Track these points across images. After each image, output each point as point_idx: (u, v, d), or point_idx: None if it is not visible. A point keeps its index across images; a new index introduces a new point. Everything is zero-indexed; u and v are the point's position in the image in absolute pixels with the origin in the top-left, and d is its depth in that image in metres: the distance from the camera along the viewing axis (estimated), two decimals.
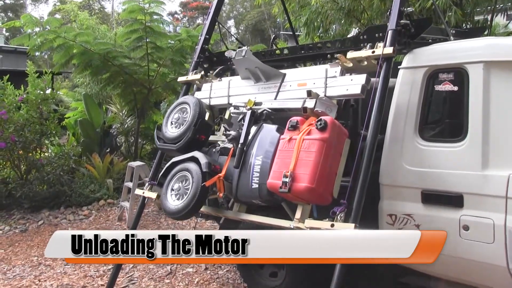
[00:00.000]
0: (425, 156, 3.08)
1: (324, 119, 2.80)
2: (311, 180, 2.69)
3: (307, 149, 2.77)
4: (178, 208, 3.26)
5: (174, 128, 3.71)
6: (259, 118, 3.28)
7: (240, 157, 3.12)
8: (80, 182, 8.38)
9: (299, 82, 3.36)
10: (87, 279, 5.12)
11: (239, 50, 3.50)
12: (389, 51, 2.95)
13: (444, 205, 2.99)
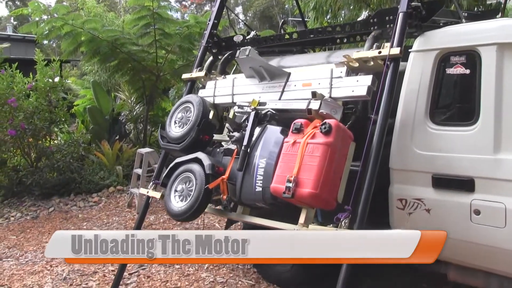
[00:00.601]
0: (436, 140, 3.04)
1: (329, 123, 2.74)
2: (315, 186, 2.63)
3: (311, 153, 2.71)
4: (181, 210, 3.23)
5: (178, 128, 3.67)
6: (263, 119, 3.22)
7: (243, 160, 3.06)
8: (90, 169, 8.44)
9: (304, 82, 3.29)
10: (98, 265, 5.16)
11: (242, 49, 3.42)
12: (396, 51, 2.87)
13: (455, 189, 2.96)
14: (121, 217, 6.92)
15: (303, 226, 2.78)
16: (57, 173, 8.22)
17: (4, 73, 7.81)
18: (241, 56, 3.40)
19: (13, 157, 8.50)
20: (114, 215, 7.07)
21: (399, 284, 4.04)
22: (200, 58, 4.42)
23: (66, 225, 6.84)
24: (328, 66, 3.25)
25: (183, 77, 4.50)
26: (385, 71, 2.89)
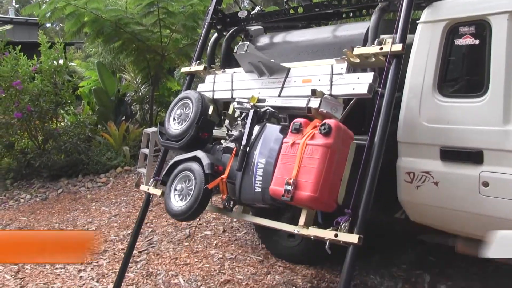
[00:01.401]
0: (444, 113, 3.01)
1: (329, 124, 2.65)
2: (314, 189, 2.56)
3: (310, 155, 2.63)
4: (181, 210, 3.19)
5: (177, 124, 3.59)
6: (262, 117, 3.15)
7: (242, 160, 3.00)
8: (97, 150, 8.48)
9: (303, 78, 3.20)
10: (108, 244, 5.22)
11: (241, 45, 3.31)
12: (397, 48, 2.76)
13: (463, 161, 2.93)
14: (129, 196, 6.97)
15: (303, 227, 2.73)
16: (65, 155, 8.27)
17: (8, 56, 7.79)
18: (239, 51, 3.30)
19: (21, 140, 8.55)
20: (122, 195, 7.12)
21: (406, 258, 4.05)
22: (203, 40, 4.32)
23: (75, 206, 6.90)
24: (329, 62, 3.14)
25: (181, 71, 4.43)
26: (387, 68, 2.78)
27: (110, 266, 4.61)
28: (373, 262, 4.00)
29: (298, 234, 2.82)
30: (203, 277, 4.15)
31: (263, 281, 3.97)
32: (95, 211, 6.55)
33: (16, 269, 4.77)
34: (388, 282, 3.72)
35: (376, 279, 3.79)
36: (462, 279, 3.65)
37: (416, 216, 3.29)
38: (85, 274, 4.48)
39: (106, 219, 6.12)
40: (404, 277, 3.77)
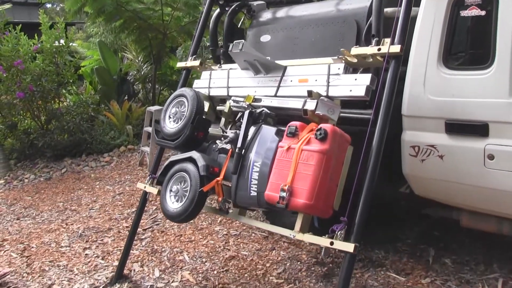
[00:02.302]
0: (449, 85, 2.96)
1: (324, 128, 2.57)
2: (309, 197, 2.51)
3: (305, 161, 2.57)
4: (176, 212, 3.16)
5: (172, 123, 3.52)
6: (257, 118, 3.08)
7: (237, 163, 2.94)
8: (100, 130, 8.48)
9: (300, 78, 3.12)
10: (112, 222, 5.25)
11: (235, 43, 3.22)
12: (396, 49, 2.66)
13: (469, 134, 2.90)
14: (133, 175, 6.98)
15: (299, 232, 2.68)
16: (68, 135, 8.28)
17: (8, 35, 7.73)
18: (234, 50, 3.20)
19: (24, 120, 8.56)
20: (126, 174, 7.13)
21: (410, 233, 4.06)
22: (204, 16, 4.22)
23: (79, 185, 6.93)
24: (326, 61, 3.03)
25: (177, 66, 4.35)
26: (384, 70, 2.68)
27: (115, 244, 4.64)
28: (378, 237, 4.00)
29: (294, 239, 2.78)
30: (208, 254, 4.17)
31: (268, 256, 3.99)
32: (99, 190, 6.58)
33: (22, 247, 4.81)
34: (392, 257, 3.73)
35: (381, 253, 3.80)
36: (466, 253, 3.65)
37: (420, 190, 3.27)
38: (90, 252, 4.51)
39: (110, 197, 6.14)
40: (409, 252, 3.77)
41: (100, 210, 5.72)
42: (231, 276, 3.74)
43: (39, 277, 4.10)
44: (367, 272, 3.56)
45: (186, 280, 3.76)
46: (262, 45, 4.05)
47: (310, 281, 3.52)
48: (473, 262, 3.55)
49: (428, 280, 3.37)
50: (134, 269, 4.02)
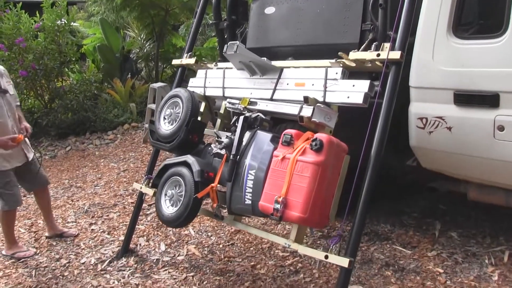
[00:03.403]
0: (459, 55, 2.90)
1: (320, 139, 2.47)
2: (304, 210, 2.43)
3: (300, 173, 2.48)
4: (171, 217, 3.11)
5: (167, 124, 3.44)
6: (252, 123, 3.00)
7: (232, 170, 2.87)
8: (104, 108, 8.46)
9: (296, 81, 3.01)
10: (117, 198, 5.26)
11: (230, 44, 3.10)
12: (395, 56, 2.56)
13: (478, 105, 2.84)
14: (137, 152, 6.98)
15: (294, 242, 2.62)
16: (72, 113, 8.26)
17: (9, 13, 7.65)
18: (229, 52, 3.09)
19: (27, 99, 8.53)
20: (130, 151, 7.13)
21: (417, 207, 4.04)
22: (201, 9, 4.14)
23: (84, 163, 6.94)
24: (323, 63, 2.93)
25: (173, 63, 4.25)
26: (383, 76, 2.58)
27: (120, 219, 4.65)
28: (384, 211, 3.99)
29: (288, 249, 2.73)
30: (213, 228, 4.17)
31: (274, 230, 3.99)
32: (103, 167, 6.58)
33: (30, 223, 4.84)
34: (398, 230, 3.72)
35: (387, 227, 3.79)
36: (473, 227, 3.64)
37: (428, 162, 3.24)
38: (96, 227, 4.53)
39: (115, 174, 6.15)
40: (415, 225, 3.76)
41: (105, 186, 5.73)
42: (237, 250, 3.75)
43: (47, 251, 4.13)
44: (373, 245, 3.56)
45: (192, 254, 3.77)
46: (266, 17, 3.98)
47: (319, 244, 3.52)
48: (480, 235, 3.54)
49: (434, 253, 3.37)
50: (140, 244, 4.03)
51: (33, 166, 4.14)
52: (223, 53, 3.23)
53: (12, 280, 3.72)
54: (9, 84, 4.00)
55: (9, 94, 3.93)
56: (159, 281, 3.43)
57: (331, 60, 2.85)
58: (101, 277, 3.60)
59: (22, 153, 3.96)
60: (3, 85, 3.88)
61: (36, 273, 3.77)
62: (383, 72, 2.59)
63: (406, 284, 3.05)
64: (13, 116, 3.92)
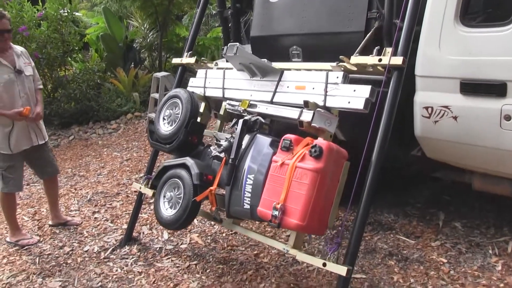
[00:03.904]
0: (466, 44, 2.86)
1: (320, 146, 2.42)
2: (302, 217, 2.40)
3: (299, 180, 2.45)
4: (170, 220, 3.10)
5: (167, 125, 3.43)
6: (252, 126, 2.98)
7: (230, 175, 2.85)
8: (107, 97, 8.44)
9: (297, 84, 2.97)
10: (120, 187, 5.26)
11: (230, 46, 3.05)
12: (398, 61, 2.51)
13: (485, 94, 2.82)
14: (141, 142, 6.97)
15: (293, 248, 2.61)
16: (75, 102, 8.25)
17: (12, 1, 7.62)
18: (229, 54, 3.05)
19: None
20: (133, 140, 7.12)
21: (421, 198, 4.03)
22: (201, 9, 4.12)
23: (87, 152, 6.94)
24: (324, 66, 2.89)
25: (173, 62, 4.23)
26: (385, 83, 2.54)
27: (123, 207, 4.66)
28: (387, 201, 3.98)
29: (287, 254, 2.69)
30: None
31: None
32: (106, 156, 6.58)
33: (33, 211, 4.85)
34: (402, 220, 3.71)
35: (390, 217, 3.78)
36: (477, 217, 3.62)
37: (433, 152, 3.22)
38: (99, 216, 4.53)
39: (118, 163, 6.15)
40: (419, 215, 3.75)
41: (108, 175, 5.73)
42: (240, 239, 3.74)
43: (50, 239, 4.14)
44: (377, 235, 3.55)
45: (195, 243, 3.77)
46: (271, 5, 3.94)
47: (319, 244, 3.52)
48: (484, 225, 3.52)
49: (438, 243, 3.36)
50: (143, 232, 4.03)
51: (45, 153, 4.15)
52: (223, 55, 3.20)
53: (16, 267, 3.73)
54: (27, 65, 4.00)
55: (24, 75, 3.93)
56: (162, 269, 3.44)
57: (332, 63, 2.81)
58: (104, 265, 3.61)
59: (28, 137, 3.97)
60: (19, 65, 3.89)
61: (39, 261, 3.78)
62: (384, 77, 2.55)
63: (409, 274, 3.04)
64: (26, 97, 3.92)
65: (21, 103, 3.87)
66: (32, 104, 3.99)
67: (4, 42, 3.81)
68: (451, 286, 2.88)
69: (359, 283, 3.01)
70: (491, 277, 2.91)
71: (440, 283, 2.92)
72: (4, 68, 3.81)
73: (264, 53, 3.95)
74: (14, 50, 3.96)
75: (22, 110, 3.76)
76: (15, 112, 3.74)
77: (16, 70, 3.86)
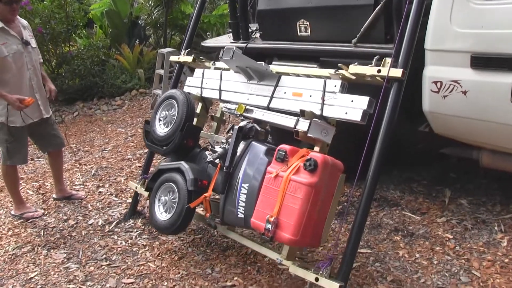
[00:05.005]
0: (478, 16, 2.79)
1: (314, 159, 2.37)
2: (295, 232, 2.36)
3: (293, 193, 2.40)
4: (164, 225, 3.09)
5: (162, 126, 3.40)
6: (247, 133, 2.95)
7: (225, 183, 2.82)
8: (111, 73, 8.39)
9: (294, 91, 2.90)
10: (125, 162, 5.26)
11: (226, 49, 2.99)
12: (397, 73, 2.45)
13: (496, 68, 2.76)
14: (145, 117, 6.94)
15: (286, 259, 2.56)
16: (79, 79, 8.23)
17: None
18: (225, 57, 2.99)
19: None
20: (138, 117, 7.10)
21: (427, 175, 3.99)
22: None
23: (91, 128, 6.94)
24: (322, 72, 2.85)
25: (170, 60, 4.15)
26: (383, 94, 2.46)
27: (128, 182, 4.65)
28: (393, 178, 3.95)
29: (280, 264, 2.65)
30: None
31: None
32: (111, 132, 6.58)
33: (38, 185, 4.86)
34: (408, 197, 3.68)
35: (396, 193, 3.75)
36: (483, 194, 3.59)
37: (441, 128, 3.18)
38: (103, 190, 4.54)
39: (122, 139, 6.14)
40: (424, 192, 3.72)
41: (112, 151, 5.73)
42: None
43: (55, 212, 4.15)
44: (382, 211, 3.54)
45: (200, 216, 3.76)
46: None
47: None
48: (490, 203, 3.49)
49: (444, 219, 3.34)
50: (147, 206, 4.02)
51: (50, 126, 4.15)
52: (219, 58, 3.15)
53: (21, 239, 3.75)
54: (32, 38, 3.97)
55: (31, 47, 3.91)
56: (166, 243, 3.44)
57: (330, 70, 2.76)
58: (108, 237, 3.62)
59: (38, 109, 3.96)
60: (25, 36, 3.87)
61: (44, 233, 3.80)
62: (383, 87, 2.48)
63: (415, 249, 3.03)
64: (33, 69, 3.91)
65: (28, 75, 3.85)
66: (39, 76, 3.98)
67: (12, 12, 3.77)
68: (457, 261, 2.87)
69: (365, 257, 3.01)
70: (497, 253, 2.90)
71: (445, 258, 2.91)
72: (13, 39, 3.78)
73: (272, 27, 3.91)
74: (20, 21, 3.93)
75: (27, 99, 3.72)
76: (17, 98, 3.68)
77: (23, 41, 3.83)
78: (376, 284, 2.75)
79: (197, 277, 3.00)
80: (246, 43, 4.07)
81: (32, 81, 3.89)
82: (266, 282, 2.87)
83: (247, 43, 4.07)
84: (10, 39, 3.75)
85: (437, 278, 2.76)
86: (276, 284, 2.77)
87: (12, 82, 3.75)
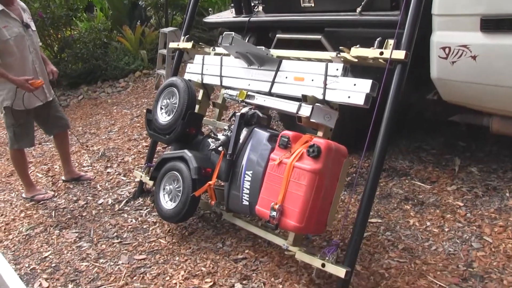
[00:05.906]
0: None
1: (318, 145, 2.33)
2: (300, 219, 2.34)
3: (297, 180, 2.37)
4: (170, 214, 3.09)
5: (164, 115, 3.37)
6: (250, 120, 2.92)
7: (228, 171, 2.80)
8: (114, 56, 8.33)
9: (296, 75, 2.84)
10: (132, 142, 5.25)
11: (226, 35, 2.91)
12: (400, 55, 2.36)
13: (507, 30, 2.70)
14: (150, 98, 6.92)
15: (292, 246, 2.54)
16: (82, 62, 8.17)
17: None
18: (224, 44, 2.93)
19: None
20: (143, 98, 7.08)
21: (435, 143, 3.95)
22: None
23: (97, 110, 6.93)
24: (324, 55, 2.78)
25: (169, 46, 4.08)
26: (386, 78, 2.37)
27: (135, 162, 4.66)
28: (401, 148, 3.93)
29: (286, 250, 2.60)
30: None
31: None
32: (116, 113, 6.56)
33: (47, 168, 4.88)
34: (417, 166, 3.66)
35: (405, 163, 3.72)
36: (493, 162, 3.56)
37: (450, 95, 3.13)
38: (112, 170, 4.55)
39: (128, 120, 6.13)
40: (434, 161, 3.69)
41: (119, 132, 5.72)
42: None
43: (65, 194, 4.17)
44: (392, 181, 3.52)
45: None
46: None
47: None
48: (501, 170, 3.46)
49: (454, 187, 3.32)
50: None
51: (53, 108, 4.14)
52: (218, 44, 3.10)
53: (33, 220, 3.78)
54: (31, 21, 3.94)
55: (31, 30, 3.88)
56: None
57: (332, 53, 2.70)
58: (119, 216, 3.64)
59: (43, 92, 3.95)
60: (25, 19, 3.83)
61: (55, 214, 3.83)
62: (386, 69, 2.40)
63: (425, 217, 3.02)
64: (35, 53, 3.89)
65: (31, 59, 3.83)
66: (41, 59, 3.97)
67: None
68: (468, 228, 2.86)
69: (375, 227, 3.00)
70: (508, 219, 2.88)
71: (456, 225, 2.90)
72: (14, 21, 3.74)
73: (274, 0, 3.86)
74: (19, 4, 3.89)
75: (37, 81, 3.71)
76: (25, 79, 3.66)
77: (24, 24, 3.80)
78: (387, 253, 2.75)
79: (208, 251, 3.01)
80: (249, 17, 4.03)
81: (35, 64, 3.87)
82: (277, 254, 2.87)
83: (250, 17, 4.02)
84: (11, 22, 3.71)
85: (448, 245, 2.75)
86: (287, 256, 2.76)
87: (15, 65, 3.72)
